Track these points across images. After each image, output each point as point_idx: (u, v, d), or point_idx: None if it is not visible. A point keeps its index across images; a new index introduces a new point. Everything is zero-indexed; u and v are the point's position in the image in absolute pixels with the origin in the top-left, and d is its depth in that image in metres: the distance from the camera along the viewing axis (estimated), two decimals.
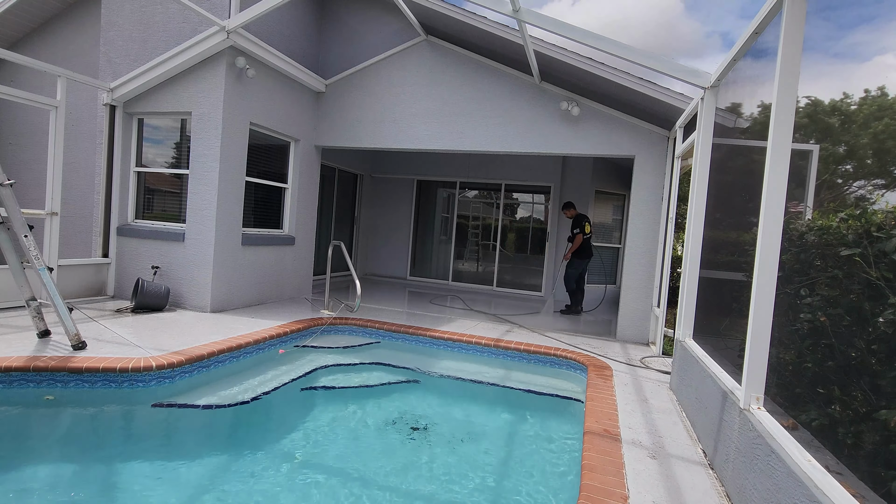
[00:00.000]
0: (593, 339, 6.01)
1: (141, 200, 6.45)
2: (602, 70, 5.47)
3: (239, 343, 4.41)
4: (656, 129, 6.07)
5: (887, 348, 1.77)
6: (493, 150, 6.65)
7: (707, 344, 3.55)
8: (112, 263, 6.26)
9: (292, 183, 7.15)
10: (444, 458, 3.31)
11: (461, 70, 6.79)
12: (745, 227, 3.21)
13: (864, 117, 2.39)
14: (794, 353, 2.39)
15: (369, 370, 4.83)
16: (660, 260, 5.96)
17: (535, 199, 10.10)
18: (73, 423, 3.38)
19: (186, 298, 5.87)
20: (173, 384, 3.73)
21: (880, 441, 1.72)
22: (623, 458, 2.80)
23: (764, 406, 2.34)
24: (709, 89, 4.05)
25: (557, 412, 4.21)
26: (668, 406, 3.82)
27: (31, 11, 7.62)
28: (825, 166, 2.61)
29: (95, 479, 2.74)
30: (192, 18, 5.86)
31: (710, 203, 3.95)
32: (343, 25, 7.59)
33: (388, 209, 10.72)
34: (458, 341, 5.30)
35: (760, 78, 2.97)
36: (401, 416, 3.91)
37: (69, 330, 3.89)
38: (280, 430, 3.61)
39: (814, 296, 2.25)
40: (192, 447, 3.29)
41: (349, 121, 7.31)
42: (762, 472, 2.08)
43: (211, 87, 5.74)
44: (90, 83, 5.99)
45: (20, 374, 3.43)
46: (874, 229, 1.90)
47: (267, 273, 6.73)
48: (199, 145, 5.79)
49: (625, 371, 4.66)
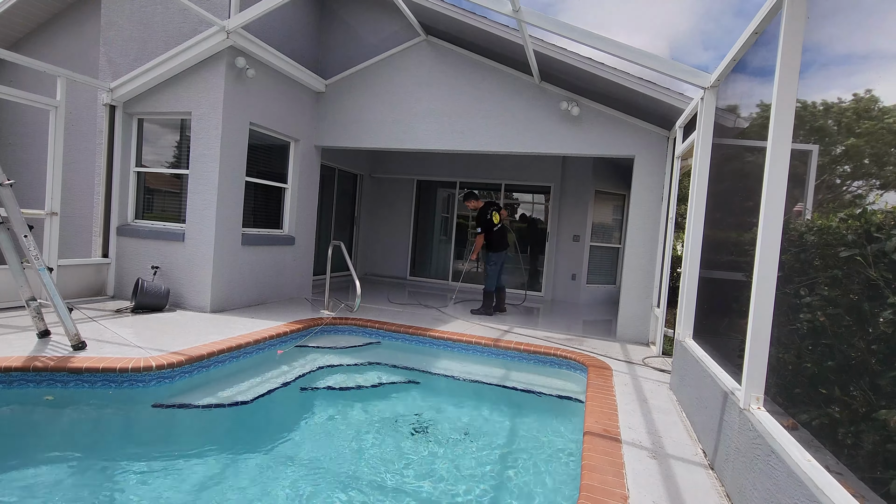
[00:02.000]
0: (593, 339, 6.01)
1: (141, 200, 6.45)
2: (602, 70, 5.48)
3: (239, 343, 4.41)
4: (656, 129, 6.07)
5: (887, 348, 1.77)
6: (493, 149, 6.65)
7: (707, 344, 3.55)
8: (112, 263, 6.26)
9: (292, 183, 7.15)
10: (445, 458, 3.30)
11: (461, 70, 6.79)
12: (745, 226, 3.21)
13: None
14: (794, 353, 2.39)
15: (369, 370, 4.83)
16: (660, 260, 5.97)
17: (535, 199, 10.11)
18: (73, 423, 3.38)
19: (186, 298, 5.87)
20: (173, 384, 3.73)
21: (880, 441, 1.72)
22: (623, 457, 2.80)
23: (764, 406, 2.34)
24: (708, 89, 4.05)
25: (557, 412, 4.20)
26: (668, 406, 3.82)
27: (31, 11, 7.62)
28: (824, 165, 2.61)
29: (96, 480, 2.73)
30: (192, 18, 5.86)
31: (709, 203, 3.95)
32: (343, 25, 7.59)
33: (388, 209, 10.72)
34: (458, 341, 5.30)
35: (760, 77, 2.97)
36: (401, 417, 3.91)
37: (69, 330, 3.89)
38: (280, 430, 3.61)
39: (813, 296, 2.25)
40: (192, 447, 3.28)
41: (349, 121, 7.31)
42: (762, 471, 2.08)
43: (211, 88, 5.74)
44: (90, 83, 5.99)
45: (20, 374, 3.43)
46: (874, 229, 1.90)
47: (267, 273, 6.73)
48: (199, 145, 5.79)
49: (625, 371, 4.66)
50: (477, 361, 5.15)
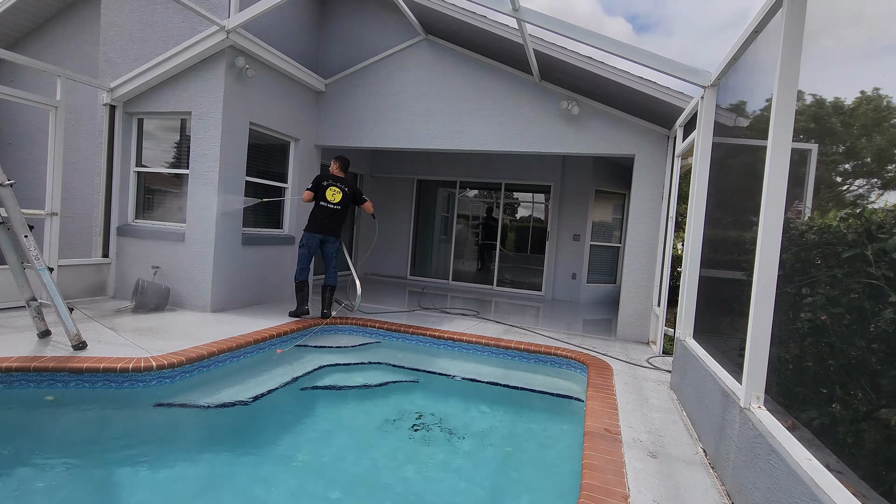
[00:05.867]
0: (593, 338, 6.01)
1: (141, 200, 6.45)
2: (602, 69, 5.47)
3: (239, 343, 4.41)
4: (656, 128, 6.06)
5: (888, 347, 1.77)
6: (493, 149, 6.65)
7: (707, 343, 3.55)
8: (112, 263, 6.26)
9: (292, 183, 7.15)
10: (445, 457, 3.31)
11: (461, 69, 6.78)
12: (746, 225, 3.20)
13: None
14: (795, 352, 2.39)
15: (370, 370, 4.83)
16: (660, 259, 5.96)
17: (535, 199, 10.11)
18: (73, 423, 3.38)
19: (186, 298, 5.87)
20: (173, 384, 3.73)
21: (881, 440, 1.72)
22: (623, 457, 2.80)
23: (764, 405, 2.34)
24: (709, 88, 4.05)
25: (558, 411, 4.21)
26: (668, 405, 3.82)
27: (31, 11, 7.61)
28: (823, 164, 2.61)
29: (96, 480, 2.74)
30: (192, 18, 5.85)
31: (710, 202, 3.95)
32: (343, 25, 7.59)
33: (389, 209, 10.71)
34: (459, 340, 5.30)
35: (760, 76, 2.96)
36: (401, 416, 3.91)
37: (69, 330, 3.89)
38: (280, 429, 3.61)
39: (814, 294, 2.25)
40: (192, 447, 3.29)
41: (349, 120, 7.31)
42: (763, 470, 2.08)
43: (210, 87, 5.74)
44: (90, 83, 5.99)
45: (20, 374, 3.43)
46: (874, 228, 1.90)
47: (267, 273, 6.73)
48: (199, 145, 5.79)
49: (625, 370, 4.66)
50: (478, 361, 5.15)
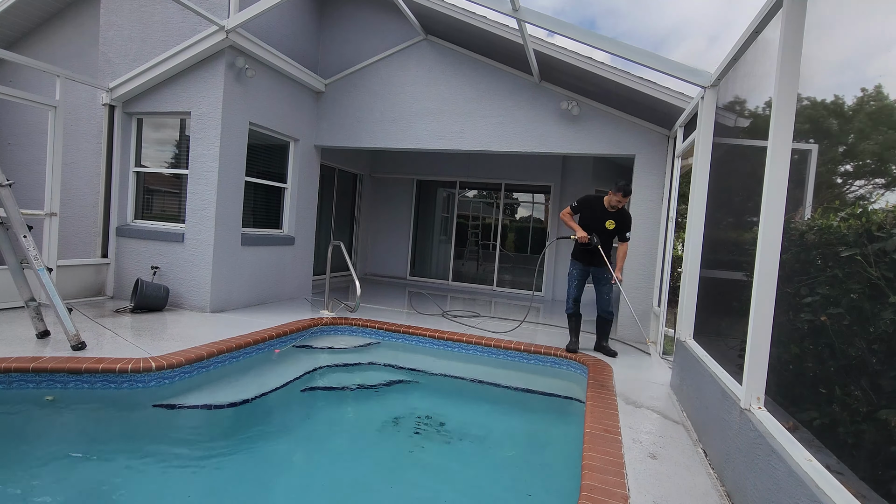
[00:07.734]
0: (593, 338, 5.99)
1: (140, 200, 6.44)
2: (602, 69, 5.47)
3: (239, 343, 4.41)
4: (656, 129, 6.06)
5: (888, 348, 1.77)
6: (493, 149, 6.64)
7: (707, 344, 3.55)
8: (111, 264, 6.26)
9: (292, 183, 7.14)
10: (445, 458, 3.30)
11: (461, 69, 6.78)
12: (746, 226, 3.20)
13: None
14: (795, 353, 2.39)
15: (369, 370, 4.83)
16: (660, 259, 5.96)
17: (535, 199, 10.10)
18: (73, 423, 3.37)
19: (186, 299, 5.86)
20: (173, 384, 3.73)
21: (881, 440, 1.72)
22: (623, 457, 2.80)
23: (764, 406, 2.34)
24: (709, 88, 4.05)
25: (558, 412, 4.20)
26: (668, 405, 3.82)
27: (30, 11, 7.60)
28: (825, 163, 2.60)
29: (95, 480, 2.73)
30: (192, 18, 5.85)
31: (710, 202, 3.95)
32: (343, 25, 7.58)
33: (388, 209, 10.71)
34: (459, 341, 5.30)
35: (760, 76, 2.96)
36: (401, 416, 3.90)
37: (68, 330, 3.89)
38: (280, 430, 3.60)
39: (814, 295, 2.24)
40: (192, 448, 3.28)
41: (349, 120, 7.30)
42: (763, 471, 2.08)
43: (210, 87, 5.73)
44: (89, 83, 5.99)
45: (20, 374, 3.42)
46: (875, 228, 1.89)
47: (266, 273, 6.73)
48: (199, 145, 5.79)
49: (625, 371, 4.65)
50: (477, 361, 5.14)
